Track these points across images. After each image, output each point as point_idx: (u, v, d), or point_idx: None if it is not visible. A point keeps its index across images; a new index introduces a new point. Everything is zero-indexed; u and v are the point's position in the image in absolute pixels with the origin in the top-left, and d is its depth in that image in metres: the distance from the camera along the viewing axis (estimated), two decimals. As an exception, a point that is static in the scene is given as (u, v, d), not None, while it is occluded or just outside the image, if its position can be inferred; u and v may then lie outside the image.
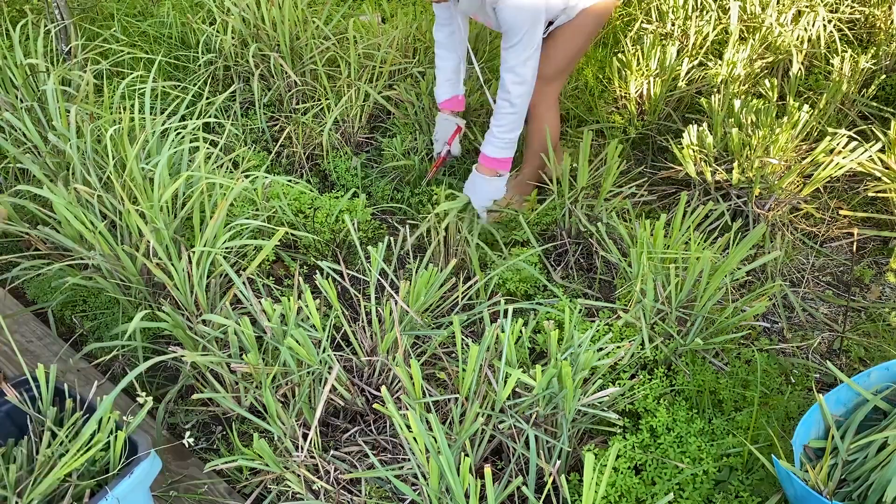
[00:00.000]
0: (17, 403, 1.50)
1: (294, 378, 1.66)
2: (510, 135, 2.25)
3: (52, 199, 1.86)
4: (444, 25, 2.41)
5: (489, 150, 2.30)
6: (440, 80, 2.53)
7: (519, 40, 2.06)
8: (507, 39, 2.10)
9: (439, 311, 2.02)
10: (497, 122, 2.25)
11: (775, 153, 2.38)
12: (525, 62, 2.10)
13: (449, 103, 2.55)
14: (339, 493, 1.58)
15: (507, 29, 2.07)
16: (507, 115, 2.21)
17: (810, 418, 1.48)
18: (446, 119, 2.56)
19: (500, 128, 2.24)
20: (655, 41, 2.92)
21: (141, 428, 1.55)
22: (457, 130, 2.52)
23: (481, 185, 2.34)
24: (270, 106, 3.00)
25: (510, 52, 2.10)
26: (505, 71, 2.14)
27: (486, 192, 2.35)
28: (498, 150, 2.28)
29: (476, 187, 2.35)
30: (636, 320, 1.83)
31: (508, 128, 2.24)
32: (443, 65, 2.49)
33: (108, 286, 1.98)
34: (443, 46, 2.45)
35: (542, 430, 1.58)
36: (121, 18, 3.42)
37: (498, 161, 2.30)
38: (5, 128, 2.33)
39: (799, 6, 3.15)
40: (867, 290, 2.27)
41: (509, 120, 2.22)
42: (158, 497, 1.65)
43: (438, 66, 2.51)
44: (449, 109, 2.56)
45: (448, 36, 2.42)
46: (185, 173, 1.99)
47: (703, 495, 1.52)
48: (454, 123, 2.55)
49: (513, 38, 2.07)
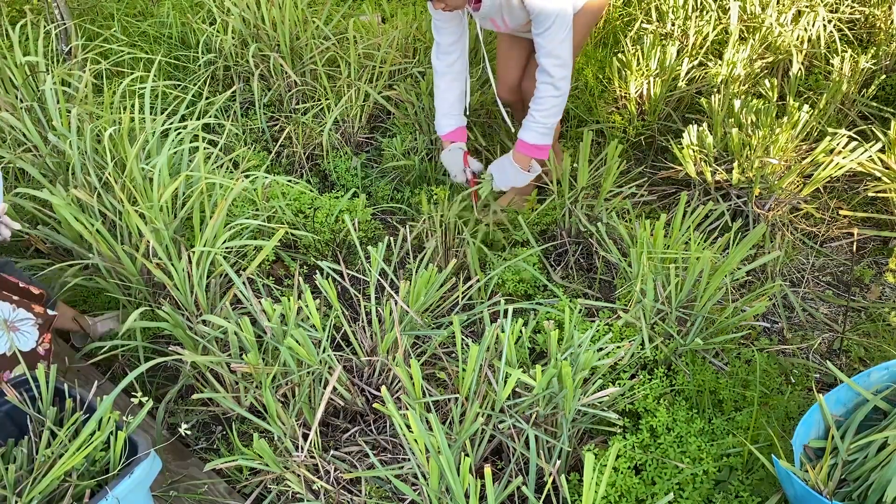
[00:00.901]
0: (17, 403, 1.50)
1: (294, 378, 1.66)
2: (552, 119, 2.15)
3: (51, 199, 1.86)
4: (445, 53, 2.29)
5: (529, 136, 2.18)
6: (442, 111, 2.38)
7: (552, 22, 2.01)
8: (538, 25, 2.04)
9: (439, 312, 2.02)
10: (539, 107, 2.14)
11: (775, 153, 2.38)
12: (562, 43, 2.04)
13: (452, 135, 2.40)
14: (339, 493, 1.58)
15: (537, 14, 2.02)
16: (551, 97, 2.11)
17: (810, 418, 1.48)
18: (451, 151, 2.40)
19: (542, 112, 2.14)
20: (655, 41, 2.92)
21: (141, 428, 1.55)
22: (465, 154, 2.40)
23: (512, 172, 2.25)
24: (270, 106, 3.00)
25: (545, 36, 2.04)
26: (543, 56, 2.07)
27: (512, 180, 2.27)
28: (538, 136, 2.17)
29: (505, 171, 2.27)
30: (636, 320, 1.83)
31: (551, 112, 2.14)
32: (444, 96, 2.35)
33: (108, 286, 1.99)
34: (444, 76, 2.32)
35: (542, 430, 1.58)
36: (121, 18, 3.42)
37: (537, 147, 2.20)
38: (5, 128, 2.33)
39: (799, 6, 3.15)
40: (867, 290, 2.27)
41: (553, 104, 2.13)
42: (158, 497, 1.65)
43: (439, 97, 2.37)
44: (451, 141, 2.41)
45: (449, 66, 2.30)
46: (184, 173, 1.99)
47: (703, 495, 1.52)
48: (459, 150, 2.40)
49: (546, 23, 2.02)
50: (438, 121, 2.41)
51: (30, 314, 1.66)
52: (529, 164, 2.24)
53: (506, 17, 2.16)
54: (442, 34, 2.26)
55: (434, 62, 2.33)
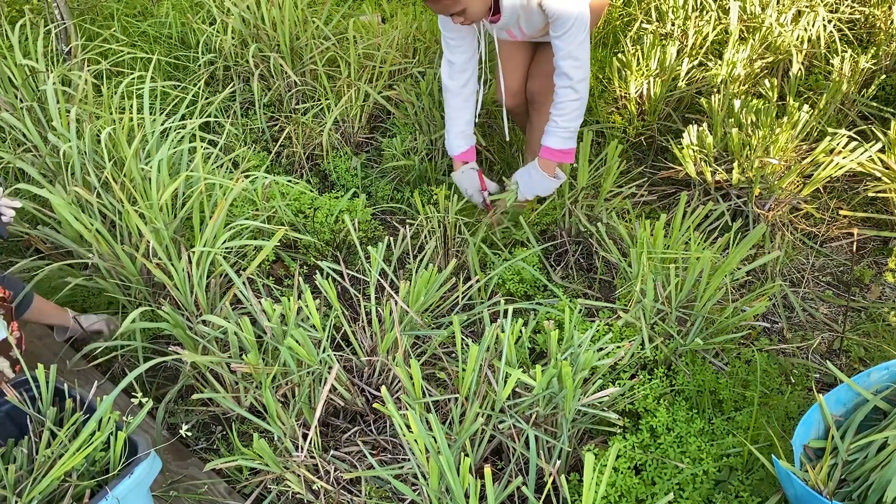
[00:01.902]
0: (17, 403, 1.50)
1: (294, 378, 1.66)
2: (574, 123, 2.13)
3: (51, 199, 1.86)
4: (460, 72, 2.25)
5: (553, 142, 2.16)
6: (453, 132, 2.34)
7: (572, 24, 1.99)
8: (558, 28, 2.02)
9: (439, 312, 2.02)
10: (560, 112, 2.12)
11: (775, 153, 2.38)
12: (581, 44, 2.03)
13: (465, 155, 2.38)
14: (339, 493, 1.58)
15: (556, 18, 2.00)
16: (571, 101, 2.09)
17: (810, 418, 1.48)
18: (465, 172, 2.37)
19: (564, 117, 2.12)
20: (655, 41, 2.92)
21: (141, 428, 1.55)
22: (479, 173, 2.37)
23: (538, 179, 2.22)
24: (270, 106, 3.00)
25: (564, 39, 2.02)
26: (562, 59, 2.05)
27: (538, 188, 2.25)
28: (562, 141, 2.16)
29: (532, 180, 2.23)
30: (636, 320, 1.83)
31: (572, 116, 2.12)
32: (456, 115, 2.31)
33: (108, 286, 1.98)
34: (457, 96, 2.28)
35: (542, 430, 1.58)
36: (121, 18, 3.42)
37: (562, 153, 2.18)
38: (5, 128, 2.33)
39: (799, 6, 3.15)
40: (867, 290, 2.27)
41: (573, 107, 2.10)
42: (158, 497, 1.65)
43: (451, 117, 2.32)
44: (462, 161, 2.38)
45: (463, 85, 2.26)
46: (184, 173, 1.99)
47: (703, 495, 1.52)
48: (474, 171, 2.37)
49: (565, 25, 2.00)
50: (450, 141, 2.36)
51: None
52: (555, 170, 2.22)
53: (523, 25, 2.14)
54: (455, 52, 2.22)
55: (446, 81, 2.29)
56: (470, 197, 2.38)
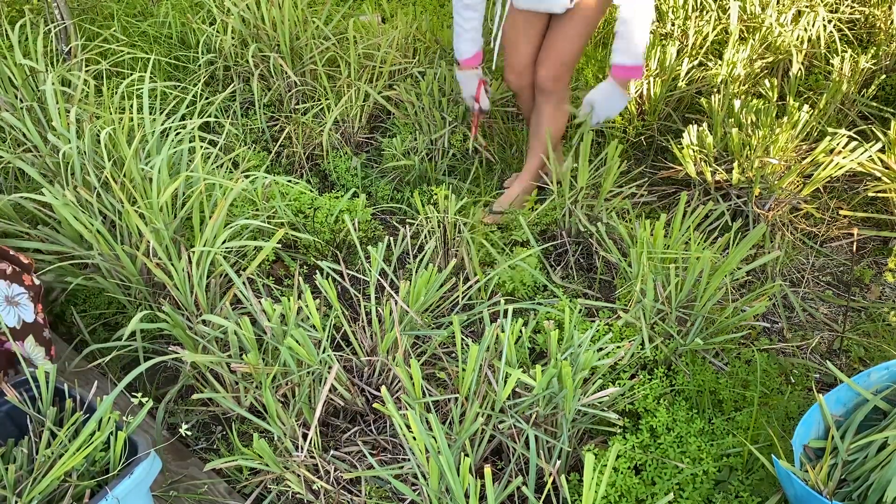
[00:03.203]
0: (17, 403, 1.50)
1: (294, 378, 1.66)
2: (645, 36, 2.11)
3: (51, 201, 1.86)
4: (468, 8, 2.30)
5: (623, 59, 2.15)
6: (463, 38, 2.38)
7: None
8: None
9: (439, 311, 2.02)
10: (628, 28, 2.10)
11: (775, 153, 2.38)
12: None
13: (472, 60, 2.44)
14: (339, 493, 1.58)
15: None
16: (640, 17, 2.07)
17: (810, 418, 1.48)
18: (468, 76, 2.47)
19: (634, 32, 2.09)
20: (655, 41, 2.92)
21: (141, 428, 1.55)
22: (481, 83, 2.45)
23: (619, 97, 2.22)
24: (270, 106, 2.99)
25: None
26: None
27: (617, 105, 2.24)
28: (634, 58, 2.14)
29: (612, 98, 2.22)
30: (636, 320, 1.83)
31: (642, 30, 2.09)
32: (467, 25, 2.35)
33: (108, 286, 1.98)
34: (469, 7, 2.31)
35: (542, 430, 1.58)
36: (121, 18, 3.42)
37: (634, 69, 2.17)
38: (5, 128, 2.33)
39: (799, 6, 3.15)
40: (867, 290, 2.27)
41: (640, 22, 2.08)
42: (158, 497, 1.65)
43: (461, 26, 2.37)
44: (470, 66, 2.45)
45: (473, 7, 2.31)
46: (184, 173, 1.99)
47: (703, 495, 1.52)
48: (476, 77, 2.46)
49: None
50: (458, 46, 2.41)
51: (23, 288, 1.71)
52: (628, 86, 2.21)
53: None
54: None
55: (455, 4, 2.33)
56: (464, 99, 2.52)
